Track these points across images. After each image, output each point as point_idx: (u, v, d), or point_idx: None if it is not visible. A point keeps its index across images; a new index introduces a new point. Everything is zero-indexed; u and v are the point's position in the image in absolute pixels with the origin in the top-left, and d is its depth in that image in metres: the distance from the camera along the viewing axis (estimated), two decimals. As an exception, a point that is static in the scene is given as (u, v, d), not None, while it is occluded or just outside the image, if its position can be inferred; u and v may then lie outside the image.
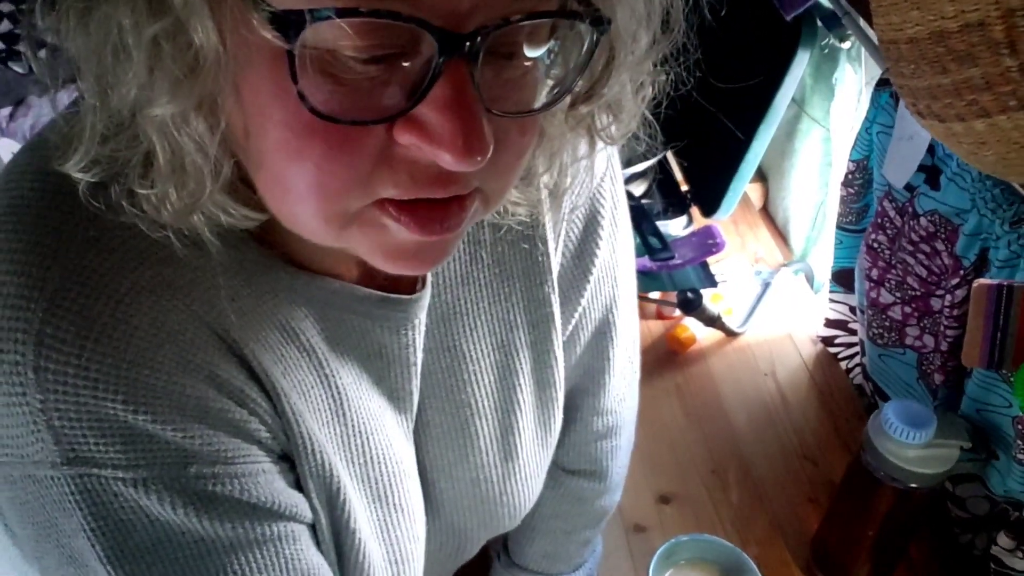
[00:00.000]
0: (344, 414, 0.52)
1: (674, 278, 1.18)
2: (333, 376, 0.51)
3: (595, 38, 0.39)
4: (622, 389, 0.75)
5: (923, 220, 0.88)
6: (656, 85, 0.48)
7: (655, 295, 1.23)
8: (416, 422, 0.59)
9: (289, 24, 0.33)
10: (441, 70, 0.35)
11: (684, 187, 1.29)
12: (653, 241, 1.15)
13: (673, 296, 1.18)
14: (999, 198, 0.79)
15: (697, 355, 1.18)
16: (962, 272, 0.83)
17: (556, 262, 0.61)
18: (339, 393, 0.52)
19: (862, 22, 0.97)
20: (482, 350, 0.60)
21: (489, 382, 0.61)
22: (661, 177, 1.31)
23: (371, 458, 0.55)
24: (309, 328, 0.50)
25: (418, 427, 0.60)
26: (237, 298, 0.46)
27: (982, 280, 0.75)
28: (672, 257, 1.15)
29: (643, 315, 1.24)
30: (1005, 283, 0.73)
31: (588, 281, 0.64)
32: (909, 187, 0.90)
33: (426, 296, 0.53)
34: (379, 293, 0.51)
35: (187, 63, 0.35)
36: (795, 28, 1.03)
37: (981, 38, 0.47)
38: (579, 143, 0.50)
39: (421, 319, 0.54)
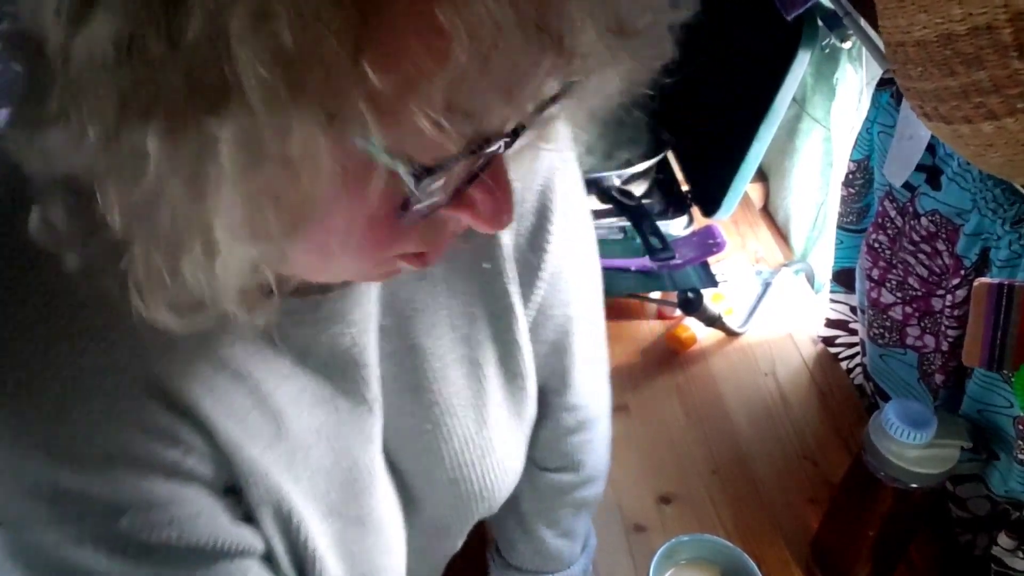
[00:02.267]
0: (285, 433, 0.51)
1: (674, 278, 1.18)
2: (269, 397, 0.50)
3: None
4: (590, 384, 0.75)
5: (924, 220, 0.88)
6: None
7: (655, 295, 1.23)
8: (387, 429, 0.59)
9: (423, 177, 0.36)
10: (489, 160, 0.39)
11: (684, 187, 1.29)
12: (653, 241, 1.15)
13: (673, 296, 1.18)
14: (1000, 198, 0.79)
15: (698, 355, 1.18)
16: (963, 272, 0.83)
17: (511, 255, 0.61)
18: (277, 412, 0.51)
19: (863, 22, 0.97)
20: (445, 346, 0.60)
21: (456, 377, 0.61)
22: (661, 177, 1.30)
23: (318, 471, 0.54)
24: (239, 353, 0.48)
25: (389, 434, 0.59)
26: (159, 334, 0.44)
27: (983, 279, 0.75)
28: (672, 257, 1.15)
29: (644, 315, 1.24)
30: (1006, 282, 0.73)
31: (540, 277, 0.63)
32: (910, 187, 0.90)
33: (351, 290, 0.52)
34: (311, 299, 0.50)
35: (290, 210, 0.35)
36: (796, 28, 1.03)
37: (989, 41, 0.47)
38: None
39: (358, 316, 0.53)
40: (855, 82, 1.16)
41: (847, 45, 1.12)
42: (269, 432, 0.50)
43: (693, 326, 1.18)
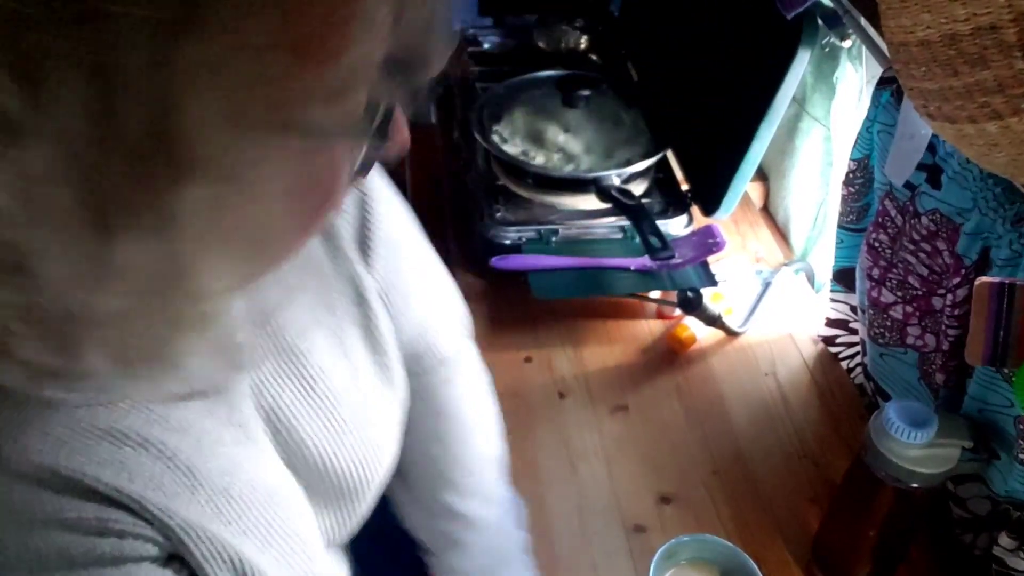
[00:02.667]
0: (201, 484, 0.51)
1: (674, 277, 1.18)
2: (176, 455, 0.50)
3: None
4: (449, 334, 0.80)
5: (924, 219, 0.88)
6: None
7: (655, 295, 1.22)
8: (289, 442, 0.59)
9: (379, 138, 0.38)
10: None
11: (684, 186, 1.29)
12: (653, 240, 1.15)
13: (673, 296, 1.18)
14: (1000, 197, 0.79)
15: (697, 355, 1.18)
16: (963, 271, 0.83)
17: (351, 242, 0.64)
18: (187, 467, 0.51)
19: (863, 20, 0.97)
20: (319, 342, 0.61)
21: (336, 368, 0.62)
22: (661, 176, 1.30)
23: (243, 508, 0.54)
24: (135, 422, 0.48)
25: (293, 445, 0.60)
26: (50, 428, 0.44)
27: (984, 278, 0.75)
28: (672, 256, 1.14)
29: (643, 315, 1.24)
30: (1007, 281, 0.73)
31: (377, 254, 0.66)
32: (910, 186, 0.90)
33: None
34: None
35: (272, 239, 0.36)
36: (796, 27, 1.03)
37: (993, 41, 0.47)
38: None
39: None
40: (855, 81, 1.16)
41: (847, 44, 1.12)
42: (186, 488, 0.50)
43: (693, 326, 1.18)
